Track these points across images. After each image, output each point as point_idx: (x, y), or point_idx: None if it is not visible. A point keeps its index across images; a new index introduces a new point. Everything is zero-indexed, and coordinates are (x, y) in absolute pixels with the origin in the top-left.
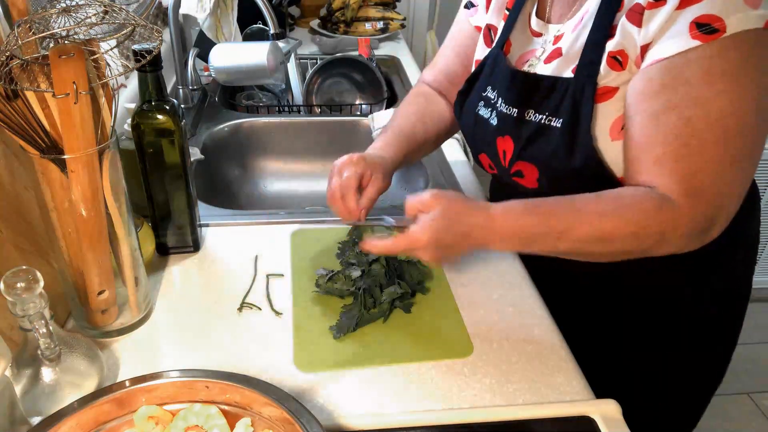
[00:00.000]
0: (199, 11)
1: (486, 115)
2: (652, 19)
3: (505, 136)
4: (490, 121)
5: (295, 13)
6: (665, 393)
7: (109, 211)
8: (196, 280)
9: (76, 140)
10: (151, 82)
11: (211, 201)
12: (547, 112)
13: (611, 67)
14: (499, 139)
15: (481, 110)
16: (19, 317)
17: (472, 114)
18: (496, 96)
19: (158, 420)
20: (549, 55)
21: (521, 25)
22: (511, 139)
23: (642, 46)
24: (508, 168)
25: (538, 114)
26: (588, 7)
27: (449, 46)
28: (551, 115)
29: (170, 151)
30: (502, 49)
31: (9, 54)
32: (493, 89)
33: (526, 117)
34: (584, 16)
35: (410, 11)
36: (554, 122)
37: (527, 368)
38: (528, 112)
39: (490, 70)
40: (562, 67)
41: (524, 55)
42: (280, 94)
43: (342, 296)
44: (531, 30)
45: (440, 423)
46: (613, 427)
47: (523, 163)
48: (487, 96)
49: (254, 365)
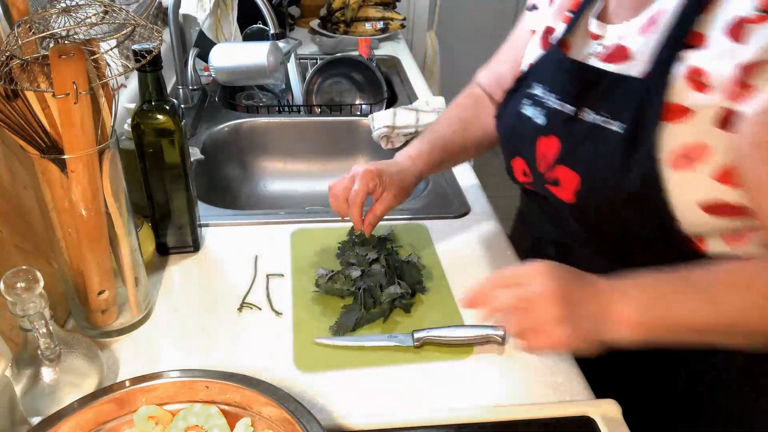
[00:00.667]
0: (199, 11)
1: (530, 113)
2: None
3: (549, 136)
4: (534, 120)
5: (295, 13)
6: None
7: (109, 211)
8: (196, 280)
9: (76, 140)
10: (151, 82)
11: (211, 201)
12: (606, 113)
13: (689, 85)
14: (542, 140)
15: (526, 108)
16: (19, 317)
17: (514, 113)
18: (546, 92)
19: (158, 420)
20: (610, 54)
21: (581, 27)
22: (558, 140)
23: (743, 66)
24: (543, 173)
25: (595, 113)
26: (662, 7)
27: (505, 49)
28: (611, 116)
29: (170, 151)
30: (559, 46)
31: (9, 54)
32: (545, 85)
33: (580, 115)
34: (657, 17)
35: (410, 11)
36: (613, 125)
37: (527, 368)
38: (583, 111)
39: (542, 67)
40: (629, 69)
41: (581, 59)
42: (280, 94)
43: (342, 296)
44: (589, 33)
45: (440, 423)
46: (613, 427)
47: (563, 169)
48: (535, 93)
49: (254, 365)
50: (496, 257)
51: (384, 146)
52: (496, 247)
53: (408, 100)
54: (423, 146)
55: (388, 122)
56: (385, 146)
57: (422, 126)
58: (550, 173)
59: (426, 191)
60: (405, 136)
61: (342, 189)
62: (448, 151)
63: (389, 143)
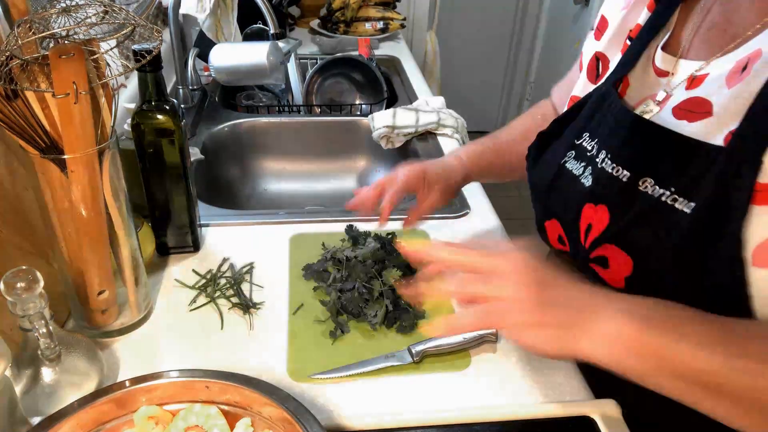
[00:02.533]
0: (199, 11)
1: (577, 170)
2: None
3: (599, 205)
4: (581, 180)
5: (295, 13)
6: None
7: (109, 211)
8: (196, 280)
9: (76, 140)
10: (151, 82)
11: (211, 201)
12: (675, 187)
13: None
14: (589, 207)
15: (570, 163)
16: (19, 317)
17: (555, 165)
18: (596, 148)
19: (158, 420)
20: (681, 105)
21: (645, 60)
22: (608, 212)
23: None
24: (588, 249)
25: (659, 186)
26: (759, 47)
27: (574, 68)
28: (680, 192)
29: (170, 151)
30: (615, 87)
31: (9, 54)
32: (594, 138)
33: (640, 186)
34: (752, 62)
35: (410, 11)
36: (682, 204)
37: (527, 368)
38: (644, 181)
39: (591, 112)
40: (706, 131)
41: (641, 102)
42: (280, 94)
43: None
44: (654, 67)
45: (440, 423)
46: (613, 427)
47: (613, 249)
48: (582, 146)
49: (254, 365)
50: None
51: (384, 146)
52: None
53: (408, 100)
54: (475, 147)
55: (388, 122)
56: (385, 146)
57: (422, 126)
58: (596, 251)
59: None
60: (405, 136)
61: (385, 180)
62: (500, 155)
63: (389, 143)
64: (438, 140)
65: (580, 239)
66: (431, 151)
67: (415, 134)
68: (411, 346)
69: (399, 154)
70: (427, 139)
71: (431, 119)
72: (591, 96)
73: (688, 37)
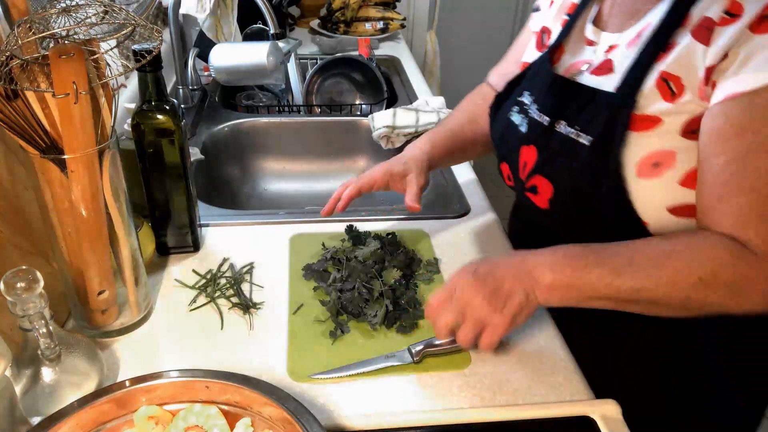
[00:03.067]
0: (199, 11)
1: (517, 120)
2: (723, 36)
3: (530, 146)
4: (520, 128)
5: (295, 13)
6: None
7: (109, 211)
8: (196, 280)
9: (76, 140)
10: (151, 82)
11: (211, 201)
12: (578, 126)
13: (661, 93)
14: (524, 148)
15: (514, 115)
16: (19, 317)
17: (504, 118)
18: (531, 101)
19: (158, 420)
20: (598, 66)
21: (577, 32)
22: (536, 150)
23: (708, 67)
24: (524, 181)
25: (568, 126)
26: (650, 21)
27: (512, 50)
28: (581, 129)
29: (170, 151)
30: (550, 54)
31: (9, 54)
32: (531, 94)
33: (556, 127)
34: (643, 31)
35: (410, 11)
36: (582, 138)
37: (527, 368)
38: (559, 123)
39: (532, 74)
40: (608, 82)
41: (575, 64)
42: (280, 94)
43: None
44: (585, 38)
45: (440, 423)
46: (613, 427)
47: (540, 178)
48: (522, 101)
49: (254, 365)
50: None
51: (384, 146)
52: (496, 247)
53: (408, 100)
54: (432, 135)
55: (387, 122)
56: (385, 146)
57: (422, 126)
58: (529, 181)
59: (426, 191)
60: (405, 136)
61: (348, 181)
62: (457, 141)
63: (389, 143)
64: None
65: (519, 174)
66: None
67: (415, 134)
68: (411, 346)
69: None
70: None
71: (431, 119)
72: (535, 62)
73: (608, 12)
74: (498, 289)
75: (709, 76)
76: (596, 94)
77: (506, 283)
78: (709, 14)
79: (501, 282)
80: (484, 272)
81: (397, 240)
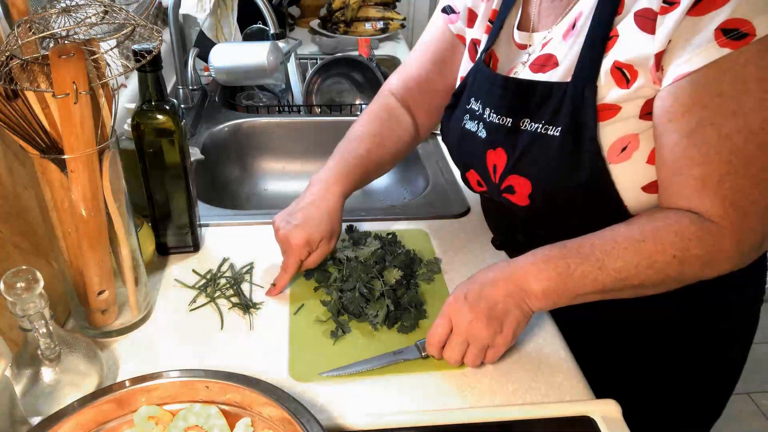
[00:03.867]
0: (199, 11)
1: (473, 128)
2: (665, 24)
3: (497, 149)
4: (478, 134)
5: (295, 13)
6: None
7: (109, 211)
8: (196, 280)
9: (76, 140)
10: (151, 82)
11: (211, 201)
12: (544, 120)
13: (616, 81)
14: (490, 153)
15: (468, 123)
16: (19, 317)
17: (458, 129)
18: (481, 107)
19: (158, 420)
20: (534, 60)
21: (506, 38)
22: (504, 151)
23: (657, 54)
24: (498, 184)
25: (533, 123)
26: (581, 10)
27: (423, 52)
28: (548, 123)
29: (170, 151)
30: (484, 59)
31: (9, 54)
32: (477, 100)
33: (521, 126)
34: (577, 20)
35: (410, 11)
36: (552, 131)
37: (527, 368)
38: (523, 121)
39: (473, 81)
40: (557, 74)
41: (510, 69)
42: (280, 94)
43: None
44: (515, 43)
45: (440, 423)
46: (613, 427)
47: (515, 177)
48: (472, 108)
49: (254, 365)
50: (495, 257)
51: None
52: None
53: None
54: (340, 169)
55: None
56: None
57: None
58: (504, 183)
59: (426, 191)
60: None
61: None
62: (366, 170)
63: None
64: (438, 140)
65: (491, 178)
66: (431, 151)
67: None
68: (418, 342)
69: None
70: (427, 139)
71: None
72: (471, 72)
73: (536, 12)
74: (492, 310)
75: (659, 62)
76: (554, 87)
77: (499, 304)
78: (648, 5)
79: (493, 303)
80: (474, 297)
81: (397, 240)
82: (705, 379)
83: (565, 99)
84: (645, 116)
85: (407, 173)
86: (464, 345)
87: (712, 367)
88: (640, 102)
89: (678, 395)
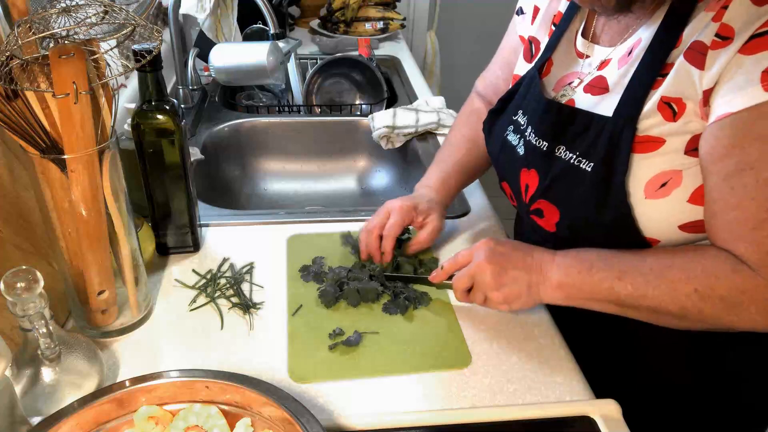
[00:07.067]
0: (199, 11)
1: (514, 141)
2: (716, 61)
3: (531, 170)
4: (518, 150)
5: (295, 13)
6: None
7: (109, 211)
8: (196, 280)
9: (76, 140)
10: (151, 82)
11: (211, 201)
12: (579, 152)
13: (662, 114)
14: (524, 171)
15: (510, 135)
16: (19, 317)
17: (501, 138)
18: (526, 123)
19: (158, 420)
20: (590, 82)
21: (566, 44)
22: (537, 174)
23: (705, 90)
24: (528, 204)
25: (568, 152)
26: (641, 37)
27: (498, 57)
28: (582, 156)
29: (170, 151)
30: (539, 69)
31: (9, 54)
32: (524, 114)
33: (556, 153)
34: (634, 48)
35: (410, 11)
36: (584, 165)
37: (527, 368)
38: (559, 148)
39: (525, 91)
40: (603, 103)
41: (565, 77)
42: (280, 94)
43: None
44: (576, 50)
45: (440, 423)
46: (613, 427)
47: (544, 203)
48: (518, 121)
49: (254, 365)
50: None
51: (384, 146)
52: None
53: (408, 100)
54: (441, 175)
55: (387, 122)
56: (385, 146)
57: (422, 126)
58: (533, 204)
59: None
60: (405, 136)
61: (376, 224)
62: (465, 173)
63: (389, 143)
64: (438, 140)
65: (522, 196)
66: (431, 151)
67: (415, 134)
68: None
69: (399, 154)
70: (427, 139)
71: (431, 119)
72: (525, 77)
73: (600, 25)
74: (504, 270)
75: (707, 98)
76: (593, 120)
77: (515, 270)
78: (701, 38)
79: (511, 266)
80: (500, 252)
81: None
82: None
83: (602, 135)
84: (691, 152)
85: (407, 173)
86: (470, 280)
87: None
88: (686, 137)
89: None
